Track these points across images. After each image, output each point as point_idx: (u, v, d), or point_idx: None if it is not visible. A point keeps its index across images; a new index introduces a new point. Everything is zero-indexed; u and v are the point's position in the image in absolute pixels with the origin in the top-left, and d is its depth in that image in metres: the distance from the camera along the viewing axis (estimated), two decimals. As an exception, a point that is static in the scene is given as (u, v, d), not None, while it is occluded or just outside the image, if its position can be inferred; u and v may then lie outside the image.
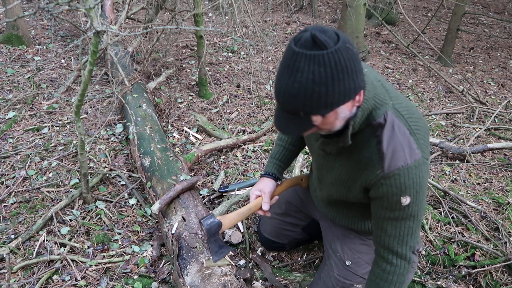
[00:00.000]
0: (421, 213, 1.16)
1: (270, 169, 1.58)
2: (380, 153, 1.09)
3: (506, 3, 7.51)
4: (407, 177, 1.08)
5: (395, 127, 1.08)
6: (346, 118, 1.04)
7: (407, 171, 1.07)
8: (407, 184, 1.08)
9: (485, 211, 2.14)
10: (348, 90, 0.94)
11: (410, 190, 1.09)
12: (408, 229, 1.16)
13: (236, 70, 4.07)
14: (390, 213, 1.15)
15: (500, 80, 4.39)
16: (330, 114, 0.98)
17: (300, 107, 0.95)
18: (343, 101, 0.96)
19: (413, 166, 1.07)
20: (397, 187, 1.09)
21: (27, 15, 1.40)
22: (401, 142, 1.08)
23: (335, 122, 1.03)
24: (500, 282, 1.74)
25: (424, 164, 1.09)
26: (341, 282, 1.48)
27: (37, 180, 2.30)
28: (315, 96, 0.92)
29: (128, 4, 3.59)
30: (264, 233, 1.84)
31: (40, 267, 1.78)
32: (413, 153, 1.07)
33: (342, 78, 0.91)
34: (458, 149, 2.71)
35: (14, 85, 3.30)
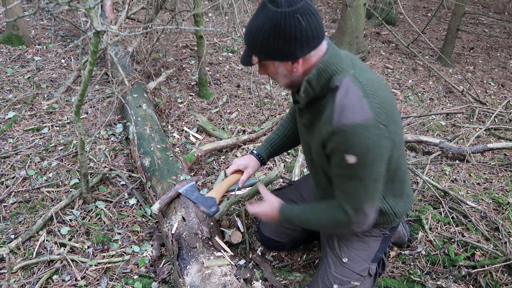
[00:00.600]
0: (370, 178, 1.19)
1: (261, 151, 1.73)
2: (332, 110, 1.15)
3: (506, 3, 7.51)
4: (353, 135, 1.10)
5: (349, 89, 1.14)
6: (287, 78, 1.21)
7: (353, 129, 1.10)
8: (353, 143, 1.11)
9: (485, 211, 2.14)
10: (281, 51, 1.12)
11: (355, 150, 1.12)
12: (354, 189, 1.21)
13: (236, 70, 4.07)
14: (338, 170, 1.21)
15: (500, 80, 4.39)
16: (268, 63, 1.19)
17: (247, 42, 1.17)
18: (276, 57, 1.15)
19: (360, 125, 1.10)
20: (343, 144, 1.13)
21: (27, 15, 1.40)
22: (352, 102, 1.12)
23: (276, 74, 1.22)
24: (500, 282, 1.74)
25: (375, 126, 1.11)
26: (338, 279, 1.48)
27: (37, 180, 2.30)
28: (255, 39, 1.12)
29: (128, 4, 3.59)
30: (264, 232, 1.85)
31: (40, 267, 1.78)
32: (362, 112, 1.11)
33: (278, 38, 1.08)
34: (458, 149, 2.71)
35: (14, 85, 3.30)
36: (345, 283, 1.48)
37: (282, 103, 3.44)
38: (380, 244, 1.53)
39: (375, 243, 1.52)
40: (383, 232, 1.51)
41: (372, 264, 1.52)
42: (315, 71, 1.16)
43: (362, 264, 1.49)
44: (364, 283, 1.50)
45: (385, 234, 1.53)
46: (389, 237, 1.56)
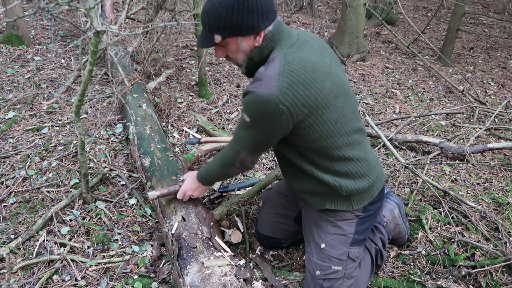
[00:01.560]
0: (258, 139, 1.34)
1: None
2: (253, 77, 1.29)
3: (506, 3, 7.51)
4: (251, 102, 1.23)
5: (270, 64, 1.25)
6: (247, 53, 1.31)
7: (253, 97, 1.22)
8: (248, 106, 1.25)
9: (485, 211, 2.14)
10: (245, 24, 1.20)
11: (249, 112, 1.26)
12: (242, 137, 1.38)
13: (236, 70, 4.07)
14: (239, 119, 1.39)
15: (500, 80, 4.39)
16: (231, 40, 1.26)
17: (207, 22, 1.23)
18: (239, 32, 1.23)
19: (261, 96, 1.20)
20: (244, 104, 1.28)
21: (27, 15, 1.40)
22: (264, 75, 1.22)
23: (237, 52, 1.31)
24: (500, 282, 1.74)
25: (274, 104, 1.20)
26: (319, 266, 1.51)
27: (37, 180, 2.30)
28: (217, 16, 1.19)
29: (128, 4, 3.59)
30: (261, 230, 1.88)
31: (40, 267, 1.78)
32: (268, 87, 1.20)
33: (242, 11, 1.17)
34: (458, 149, 2.71)
35: (14, 85, 3.30)
36: (326, 268, 1.50)
37: (282, 103, 3.43)
38: (356, 226, 1.52)
39: (349, 226, 1.52)
40: (355, 213, 1.51)
41: (351, 247, 1.52)
42: (256, 50, 1.29)
43: (340, 249, 1.51)
44: (348, 267, 1.51)
45: (359, 216, 1.52)
46: (365, 218, 1.54)
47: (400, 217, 1.88)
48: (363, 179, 1.47)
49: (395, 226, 1.87)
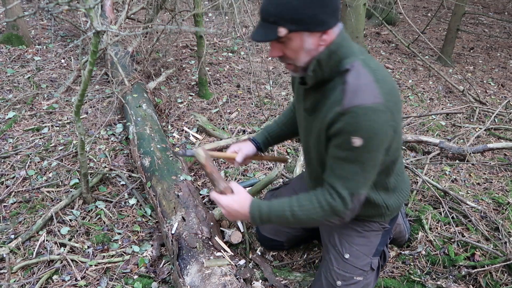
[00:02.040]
0: (372, 163, 1.18)
1: (258, 137, 1.70)
2: (343, 91, 1.13)
3: (506, 3, 7.51)
4: (362, 117, 1.09)
5: (360, 72, 1.14)
6: (310, 54, 1.15)
7: (364, 111, 1.08)
8: (362, 125, 1.09)
9: (485, 211, 2.14)
10: (317, 18, 1.08)
11: (362, 132, 1.10)
12: (354, 174, 1.18)
13: (236, 70, 4.07)
14: (340, 152, 1.17)
15: (500, 80, 4.39)
16: (296, 36, 1.11)
17: (272, 13, 1.08)
18: (309, 26, 1.09)
19: (371, 108, 1.08)
20: (351, 125, 1.10)
21: (27, 15, 1.40)
22: (364, 84, 1.11)
23: (299, 51, 1.14)
24: (500, 282, 1.74)
25: (384, 112, 1.10)
26: (341, 276, 1.48)
27: (37, 180, 2.30)
28: (288, 6, 1.06)
29: (128, 4, 3.59)
30: (263, 231, 1.85)
31: (40, 267, 1.78)
32: (374, 96, 1.10)
33: (315, 3, 1.05)
34: (458, 149, 2.71)
35: (14, 85, 3.30)
36: (348, 279, 1.48)
37: (282, 103, 3.44)
38: (381, 238, 1.54)
39: (376, 237, 1.52)
40: (382, 225, 1.52)
41: (373, 258, 1.52)
42: (326, 51, 1.14)
43: (364, 259, 1.49)
44: (367, 277, 1.51)
45: (385, 228, 1.53)
46: (389, 230, 1.56)
47: (400, 217, 1.88)
48: (402, 193, 1.49)
49: (395, 226, 1.87)
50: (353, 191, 1.20)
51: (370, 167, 1.18)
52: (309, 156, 1.44)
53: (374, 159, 1.17)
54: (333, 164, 1.22)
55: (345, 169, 1.19)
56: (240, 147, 1.64)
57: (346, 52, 1.16)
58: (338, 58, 1.15)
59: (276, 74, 4.01)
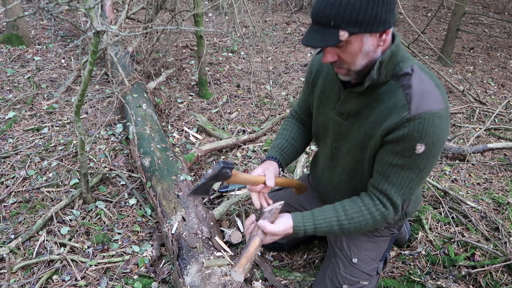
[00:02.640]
0: (427, 170, 1.15)
1: (272, 153, 1.48)
2: (408, 96, 1.09)
3: (506, 3, 7.51)
4: (430, 123, 1.07)
5: (422, 77, 1.11)
6: (368, 56, 1.08)
7: (432, 117, 1.07)
8: (428, 131, 1.07)
9: (485, 211, 2.14)
10: (379, 18, 1.00)
11: (428, 139, 1.08)
12: (410, 181, 1.16)
13: (236, 70, 4.07)
14: (399, 159, 1.13)
15: (500, 80, 4.39)
16: (356, 38, 1.03)
17: (332, 16, 0.99)
18: (371, 27, 1.01)
19: (438, 114, 1.07)
20: (418, 132, 1.08)
21: (27, 15, 1.40)
22: (429, 90, 1.09)
23: (358, 54, 1.06)
24: (500, 282, 1.74)
25: (446, 118, 1.09)
26: (348, 280, 1.48)
27: (37, 180, 2.30)
28: (349, 7, 0.97)
29: (128, 4, 3.59)
30: None
31: (40, 267, 1.78)
32: (439, 101, 1.09)
33: (377, 2, 0.98)
34: (458, 149, 2.71)
35: (14, 85, 3.30)
36: (354, 283, 1.48)
37: (282, 103, 3.44)
38: (388, 243, 1.54)
39: (384, 242, 1.52)
40: (391, 231, 1.52)
41: (380, 263, 1.53)
42: (389, 53, 1.09)
43: (372, 264, 1.49)
44: (372, 281, 1.51)
45: (393, 233, 1.54)
46: (395, 235, 1.57)
47: None
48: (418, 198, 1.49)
49: None
50: (406, 198, 1.19)
51: (426, 174, 1.17)
52: (333, 163, 1.38)
53: (431, 166, 1.15)
54: (387, 171, 1.17)
55: (401, 176, 1.16)
56: (264, 168, 1.37)
57: (403, 54, 1.13)
58: (396, 60, 1.12)
59: (276, 74, 4.01)
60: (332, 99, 1.31)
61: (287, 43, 4.94)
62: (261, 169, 1.36)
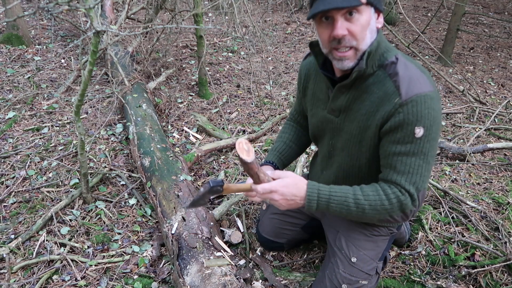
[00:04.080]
0: (432, 154, 1.16)
1: (270, 158, 1.57)
2: (397, 83, 1.13)
3: (506, 3, 7.51)
4: (423, 105, 1.09)
5: (407, 64, 1.16)
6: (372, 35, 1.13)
7: (424, 99, 1.09)
8: (423, 113, 1.10)
9: (485, 211, 2.14)
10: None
11: (425, 121, 1.10)
12: (418, 167, 1.15)
13: (236, 70, 4.07)
14: (401, 147, 1.14)
15: (500, 80, 4.39)
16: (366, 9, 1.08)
17: None
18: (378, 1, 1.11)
19: (429, 95, 1.10)
20: (414, 115, 1.10)
21: (27, 15, 1.40)
22: (415, 74, 1.13)
23: (366, 28, 1.10)
24: (500, 282, 1.74)
25: (437, 100, 1.12)
26: (347, 279, 1.48)
27: (37, 180, 2.30)
28: None
29: (128, 4, 3.59)
30: (263, 233, 1.84)
31: (40, 267, 1.78)
32: (427, 84, 1.12)
33: None
34: (458, 149, 2.71)
35: (14, 85, 3.30)
36: (353, 283, 1.48)
37: (282, 103, 3.44)
38: (387, 242, 1.54)
39: (383, 242, 1.52)
40: (391, 230, 1.52)
41: (379, 262, 1.53)
42: (376, 43, 1.14)
43: (371, 264, 1.50)
44: (371, 281, 1.51)
45: (392, 233, 1.54)
46: (395, 234, 1.57)
47: None
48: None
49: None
50: (418, 185, 1.17)
51: (431, 158, 1.16)
52: (331, 161, 1.40)
53: (434, 148, 1.16)
54: (393, 161, 1.17)
55: (408, 164, 1.15)
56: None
57: (386, 45, 1.18)
58: (381, 51, 1.16)
59: (276, 74, 4.01)
60: (323, 99, 1.35)
61: (287, 43, 4.94)
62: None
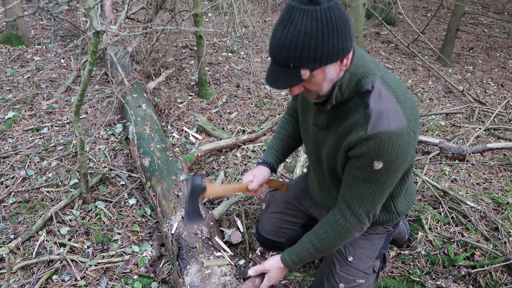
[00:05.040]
0: (389, 183, 1.18)
1: (268, 158, 1.59)
2: (366, 116, 1.11)
3: (505, 3, 7.52)
4: (387, 143, 1.08)
5: (382, 94, 1.11)
6: (333, 81, 1.10)
7: (389, 137, 1.08)
8: (384, 150, 1.09)
9: (484, 211, 2.14)
10: (337, 48, 1.00)
11: (385, 157, 1.10)
12: (371, 192, 1.19)
13: (235, 70, 4.07)
14: (359, 172, 1.17)
15: (500, 80, 4.40)
16: (318, 72, 1.04)
17: (290, 58, 0.99)
18: (331, 59, 1.01)
19: (395, 132, 1.08)
20: (375, 151, 1.10)
21: (27, 14, 1.40)
22: (387, 108, 1.10)
23: (322, 83, 1.08)
24: (499, 282, 1.74)
25: (407, 134, 1.10)
26: (344, 278, 1.48)
27: (36, 180, 2.30)
28: (305, 48, 0.97)
29: (128, 4, 3.59)
30: (263, 233, 1.84)
31: (40, 267, 1.78)
32: (398, 120, 1.09)
33: (332, 35, 0.97)
34: (458, 149, 2.72)
35: (14, 85, 3.29)
36: (351, 282, 1.48)
37: (282, 103, 3.44)
38: (384, 240, 1.54)
39: (380, 240, 1.52)
40: (387, 229, 1.52)
41: (376, 261, 1.53)
42: (347, 75, 1.10)
43: (367, 262, 1.50)
44: (369, 280, 1.51)
45: (389, 231, 1.54)
46: (392, 233, 1.57)
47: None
48: (411, 197, 1.49)
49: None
50: (369, 208, 1.23)
51: (388, 186, 1.19)
52: (320, 167, 1.42)
53: (393, 179, 1.18)
54: (350, 182, 1.22)
55: (363, 188, 1.19)
56: (254, 174, 1.52)
57: (363, 71, 1.12)
58: (357, 78, 1.12)
59: (275, 74, 4.00)
60: (311, 108, 1.34)
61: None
62: (251, 175, 1.50)
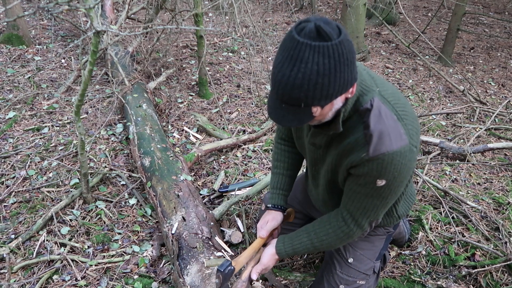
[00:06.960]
0: (392, 196, 1.19)
1: (276, 201, 1.54)
2: (367, 137, 1.09)
3: (506, 3, 7.51)
4: (389, 163, 1.08)
5: (381, 112, 1.09)
6: (337, 109, 1.07)
7: (391, 157, 1.07)
8: (387, 170, 1.09)
9: (485, 211, 2.14)
10: (347, 81, 0.96)
11: (388, 175, 1.10)
12: (374, 206, 1.21)
13: (236, 70, 4.07)
14: (362, 189, 1.17)
15: (501, 80, 4.39)
16: (327, 105, 1.01)
17: (302, 98, 0.94)
18: (340, 92, 0.97)
19: (398, 152, 1.07)
20: (377, 171, 1.10)
21: (27, 14, 1.40)
22: (387, 127, 1.08)
23: (328, 113, 1.06)
24: (500, 282, 1.74)
25: (409, 151, 1.09)
26: (344, 280, 1.48)
27: (37, 180, 2.30)
28: (318, 87, 0.92)
29: (128, 4, 3.59)
30: None
31: (40, 267, 1.78)
32: (399, 138, 1.08)
33: (343, 70, 0.93)
34: (459, 149, 2.71)
35: (14, 85, 3.30)
36: (351, 283, 1.48)
37: (282, 103, 3.43)
38: (384, 241, 1.54)
39: (380, 241, 1.53)
40: (387, 230, 1.52)
41: (376, 262, 1.53)
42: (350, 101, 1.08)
43: (368, 263, 1.50)
44: (369, 281, 1.51)
45: (389, 232, 1.54)
46: (392, 233, 1.57)
47: None
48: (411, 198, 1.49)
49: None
50: (371, 219, 1.24)
51: (391, 199, 1.20)
52: (318, 182, 1.42)
53: (396, 193, 1.18)
54: (352, 196, 1.22)
55: (366, 202, 1.20)
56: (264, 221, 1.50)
57: (361, 89, 1.10)
58: (355, 97, 1.09)
59: (276, 74, 4.00)
60: (306, 126, 1.31)
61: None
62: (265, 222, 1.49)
